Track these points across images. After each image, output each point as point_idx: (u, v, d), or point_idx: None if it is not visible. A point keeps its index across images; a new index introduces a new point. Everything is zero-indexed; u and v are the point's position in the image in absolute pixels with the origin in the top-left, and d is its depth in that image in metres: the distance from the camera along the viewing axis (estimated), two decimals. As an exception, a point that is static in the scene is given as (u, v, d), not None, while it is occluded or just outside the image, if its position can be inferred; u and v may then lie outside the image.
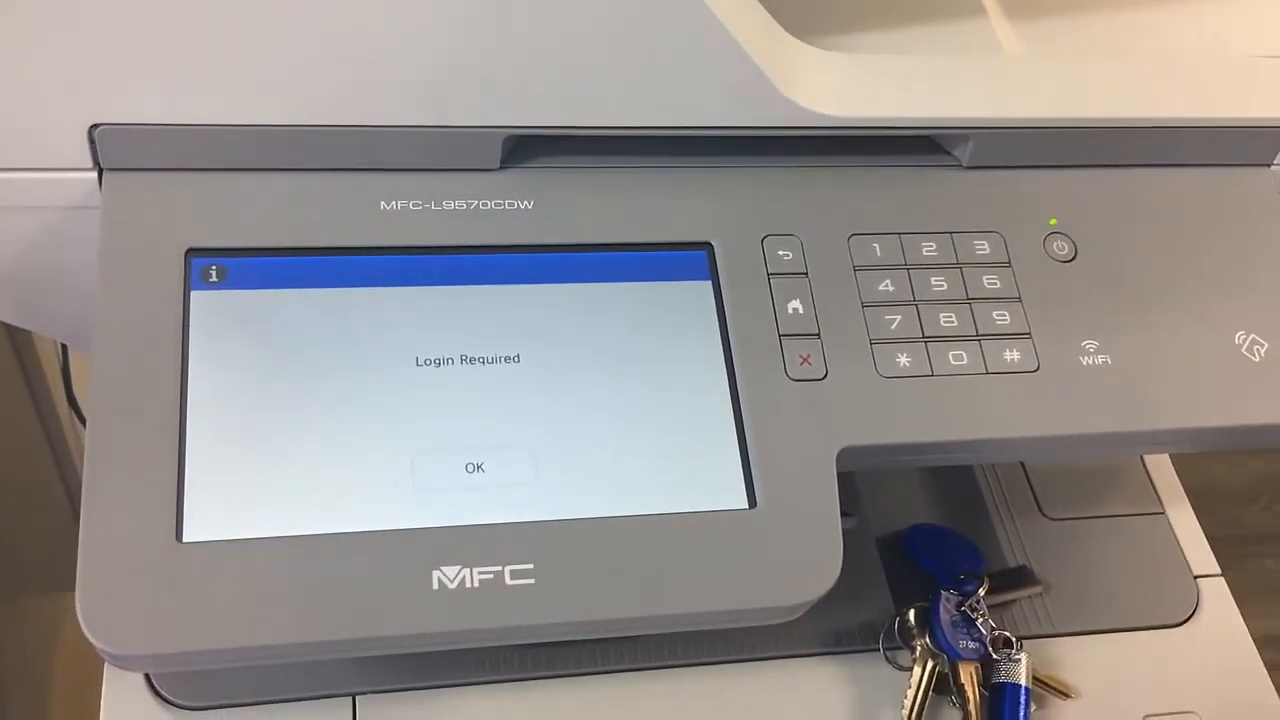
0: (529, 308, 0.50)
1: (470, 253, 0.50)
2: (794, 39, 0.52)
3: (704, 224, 0.52)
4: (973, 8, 0.60)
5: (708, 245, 0.51)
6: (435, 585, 0.44)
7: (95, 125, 0.47)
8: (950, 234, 0.53)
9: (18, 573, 0.99)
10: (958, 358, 0.51)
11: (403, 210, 0.50)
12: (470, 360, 0.48)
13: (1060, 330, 0.52)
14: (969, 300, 0.52)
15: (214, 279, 0.48)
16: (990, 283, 0.53)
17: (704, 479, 0.48)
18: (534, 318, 0.49)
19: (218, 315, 0.47)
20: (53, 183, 0.49)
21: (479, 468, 0.47)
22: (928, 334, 0.51)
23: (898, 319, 0.51)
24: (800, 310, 0.51)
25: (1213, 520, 0.69)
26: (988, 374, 0.51)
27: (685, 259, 0.51)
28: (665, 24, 0.47)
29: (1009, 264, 0.53)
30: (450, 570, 0.44)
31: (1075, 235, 0.54)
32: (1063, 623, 0.63)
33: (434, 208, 0.50)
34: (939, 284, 0.52)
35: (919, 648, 0.59)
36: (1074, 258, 0.54)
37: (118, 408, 0.45)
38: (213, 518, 0.44)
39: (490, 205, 0.51)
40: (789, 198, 0.53)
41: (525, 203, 0.51)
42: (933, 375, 0.50)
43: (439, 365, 0.48)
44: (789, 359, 0.50)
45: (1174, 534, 0.68)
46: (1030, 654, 0.59)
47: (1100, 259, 0.54)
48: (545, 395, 0.48)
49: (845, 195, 0.53)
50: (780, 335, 0.50)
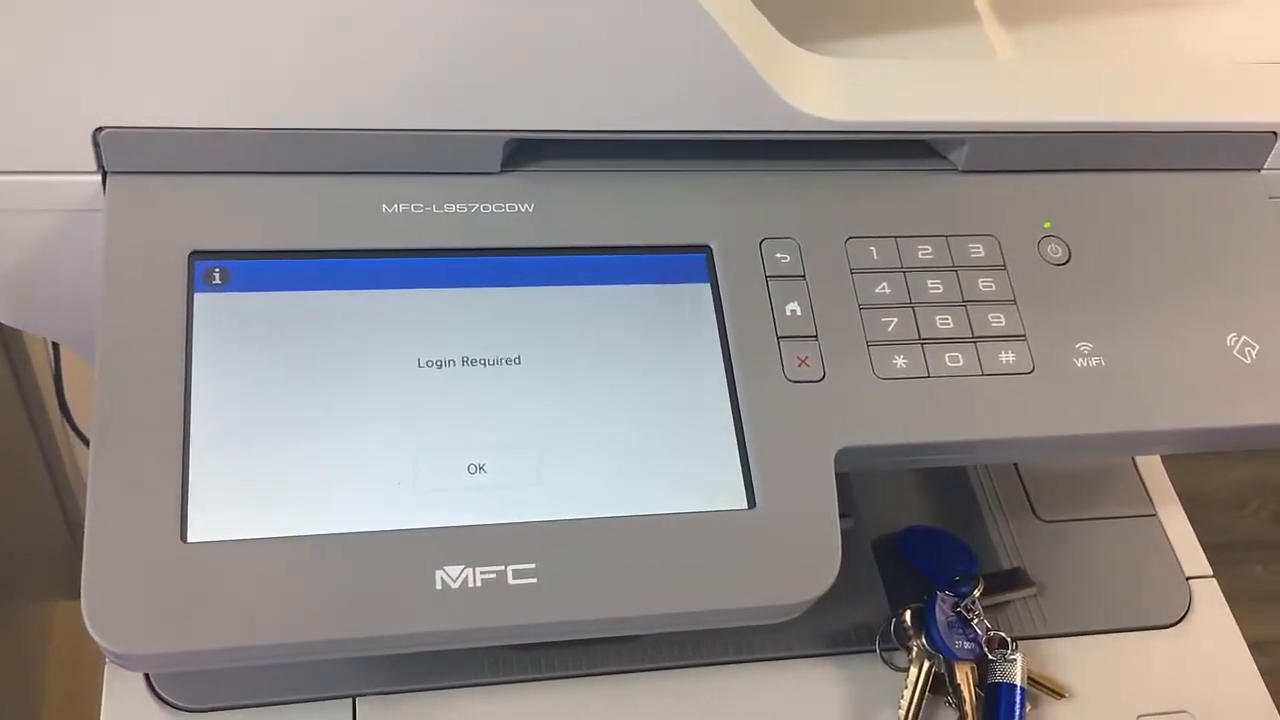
0: (530, 310, 0.50)
1: (471, 255, 0.50)
2: (791, 44, 0.52)
3: (703, 227, 0.52)
4: (967, 14, 0.60)
5: (706, 248, 0.52)
6: (438, 585, 0.44)
7: (99, 129, 0.47)
8: (946, 237, 0.54)
9: (10, 580, 0.99)
10: (954, 359, 0.51)
11: (404, 213, 0.50)
12: (471, 362, 0.49)
13: (1055, 332, 0.53)
14: (965, 303, 0.53)
15: (217, 281, 0.48)
16: (985, 285, 0.53)
17: (703, 479, 0.48)
18: (535, 320, 0.50)
19: (221, 317, 0.48)
20: (57, 186, 0.49)
21: (481, 468, 0.47)
22: (924, 336, 0.52)
23: (894, 321, 0.52)
24: (798, 312, 0.51)
25: (1202, 526, 0.70)
26: (983, 375, 0.51)
27: (684, 262, 0.52)
28: (665, 29, 0.48)
29: (1004, 267, 0.54)
30: (453, 570, 0.45)
31: (1069, 239, 0.55)
32: (1057, 623, 0.64)
33: (435, 210, 0.51)
34: (935, 287, 0.53)
35: (915, 648, 0.60)
36: (1068, 261, 0.54)
37: (122, 409, 0.45)
38: (217, 518, 0.44)
39: (491, 208, 0.51)
40: (787, 201, 0.53)
41: (526, 206, 0.51)
42: (929, 377, 0.51)
43: (440, 367, 0.48)
44: (787, 361, 0.50)
45: (1166, 536, 0.68)
46: (1025, 654, 0.60)
47: (1094, 262, 0.54)
48: (546, 396, 0.48)
49: (842, 199, 0.54)
50: (778, 337, 0.50)
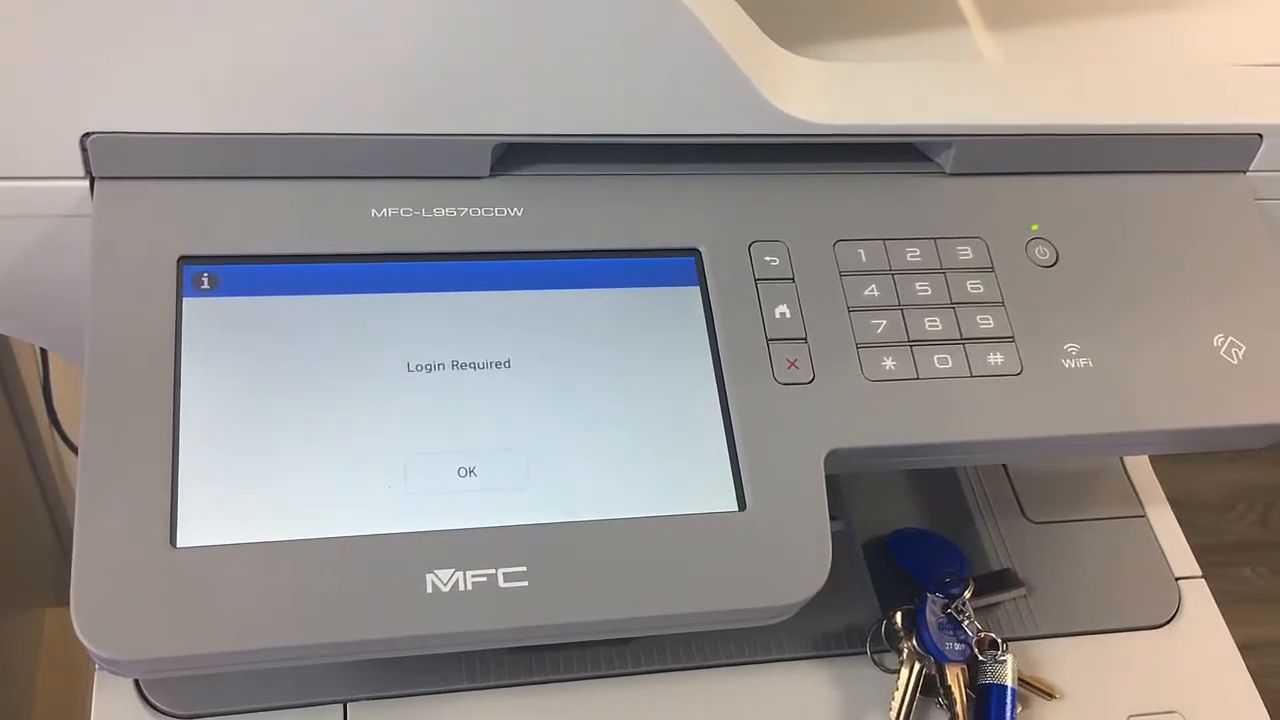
0: (519, 314, 0.50)
1: (460, 259, 0.50)
2: (779, 48, 0.53)
3: (692, 230, 0.52)
4: (954, 18, 0.61)
5: (696, 251, 0.52)
6: (429, 588, 0.44)
7: (87, 134, 0.47)
8: (934, 239, 0.54)
9: (-1, 588, 0.99)
10: (942, 361, 0.52)
11: (393, 217, 0.50)
12: (461, 366, 0.49)
13: (1043, 334, 0.53)
14: (953, 304, 0.53)
15: (206, 286, 0.48)
16: (974, 287, 0.53)
17: (694, 482, 0.48)
18: (524, 323, 0.50)
19: (210, 322, 0.47)
20: (45, 191, 0.49)
21: (471, 472, 0.47)
22: (913, 338, 0.52)
23: (883, 323, 0.52)
24: (787, 315, 0.51)
25: (1190, 529, 0.70)
26: (972, 377, 0.51)
27: (674, 265, 0.52)
28: (654, 33, 0.48)
29: (992, 269, 0.54)
30: (444, 573, 0.45)
31: (1056, 240, 0.55)
32: (1047, 624, 0.64)
33: (424, 215, 0.51)
34: (923, 289, 0.53)
35: (906, 650, 0.60)
36: (1055, 263, 0.54)
37: (111, 414, 0.45)
38: (206, 523, 0.44)
39: (480, 212, 0.51)
40: (776, 204, 0.53)
41: (515, 210, 0.51)
42: (918, 378, 0.51)
43: (430, 371, 0.48)
44: (776, 363, 0.50)
45: (1155, 536, 0.69)
46: (1015, 655, 0.60)
47: (1081, 264, 0.55)
48: (536, 400, 0.48)
49: (831, 202, 0.54)
50: (768, 339, 0.51)
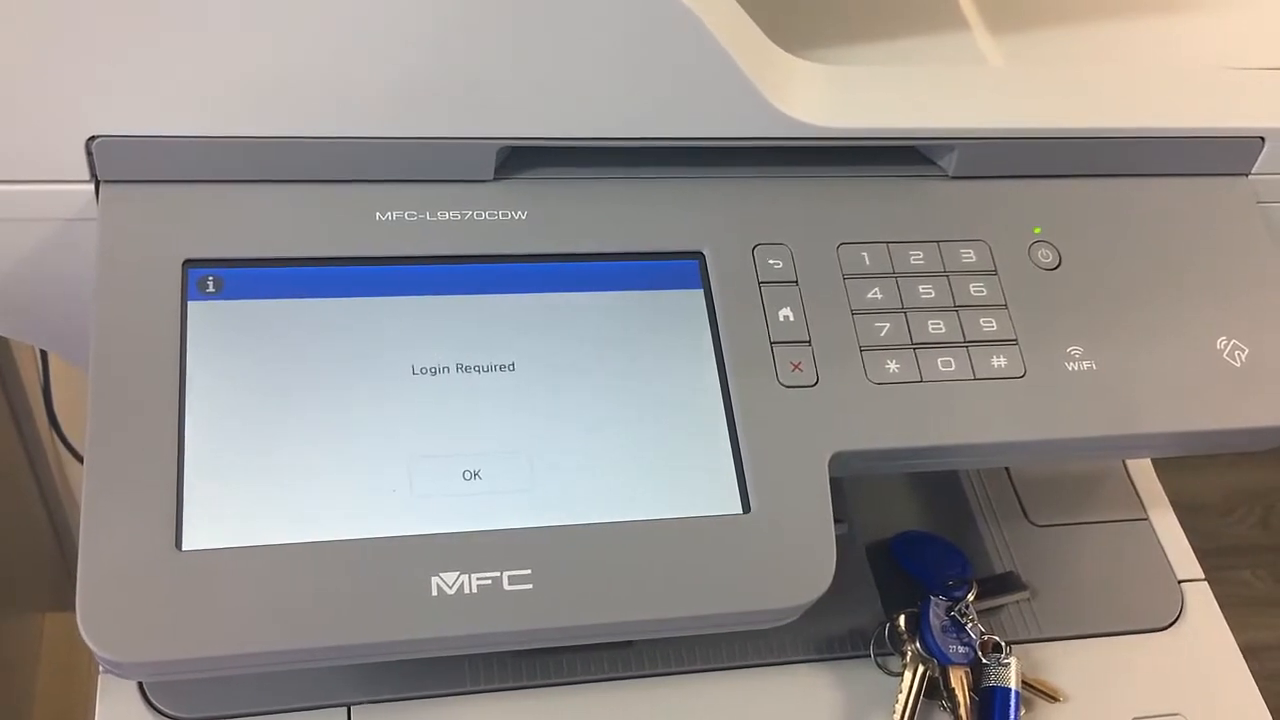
0: (523, 317, 0.50)
1: (464, 262, 0.50)
2: (783, 51, 0.53)
3: (696, 234, 0.52)
4: (957, 22, 0.61)
5: (699, 254, 0.52)
6: (434, 591, 0.44)
7: (92, 138, 0.47)
8: (937, 243, 0.54)
9: None
10: (946, 364, 0.52)
11: (398, 221, 0.50)
12: (465, 369, 0.49)
13: (1046, 337, 0.53)
14: (956, 307, 0.53)
15: (211, 289, 0.48)
16: (977, 290, 0.53)
17: (698, 485, 0.48)
18: (528, 327, 0.50)
19: (215, 325, 0.48)
20: (50, 195, 0.49)
21: (476, 475, 0.47)
22: (916, 341, 0.52)
23: (887, 326, 0.52)
24: (791, 318, 0.51)
25: (1191, 533, 0.70)
26: (975, 380, 0.52)
27: (677, 268, 0.52)
28: (658, 37, 0.48)
29: (995, 272, 0.54)
30: (449, 576, 0.45)
31: (1059, 243, 0.55)
32: (1050, 627, 0.64)
33: (428, 218, 0.51)
34: (927, 292, 0.53)
35: (909, 653, 0.60)
36: (1058, 266, 0.55)
37: (117, 417, 0.45)
38: (212, 526, 0.44)
39: (484, 216, 0.51)
40: (779, 207, 0.53)
41: (519, 213, 0.52)
42: (922, 381, 0.51)
43: (434, 374, 0.48)
44: (780, 366, 0.50)
45: (1157, 540, 0.69)
46: (1019, 658, 0.60)
47: (1084, 267, 0.55)
48: (540, 403, 0.49)
49: (834, 205, 0.54)
50: (772, 342, 0.51)
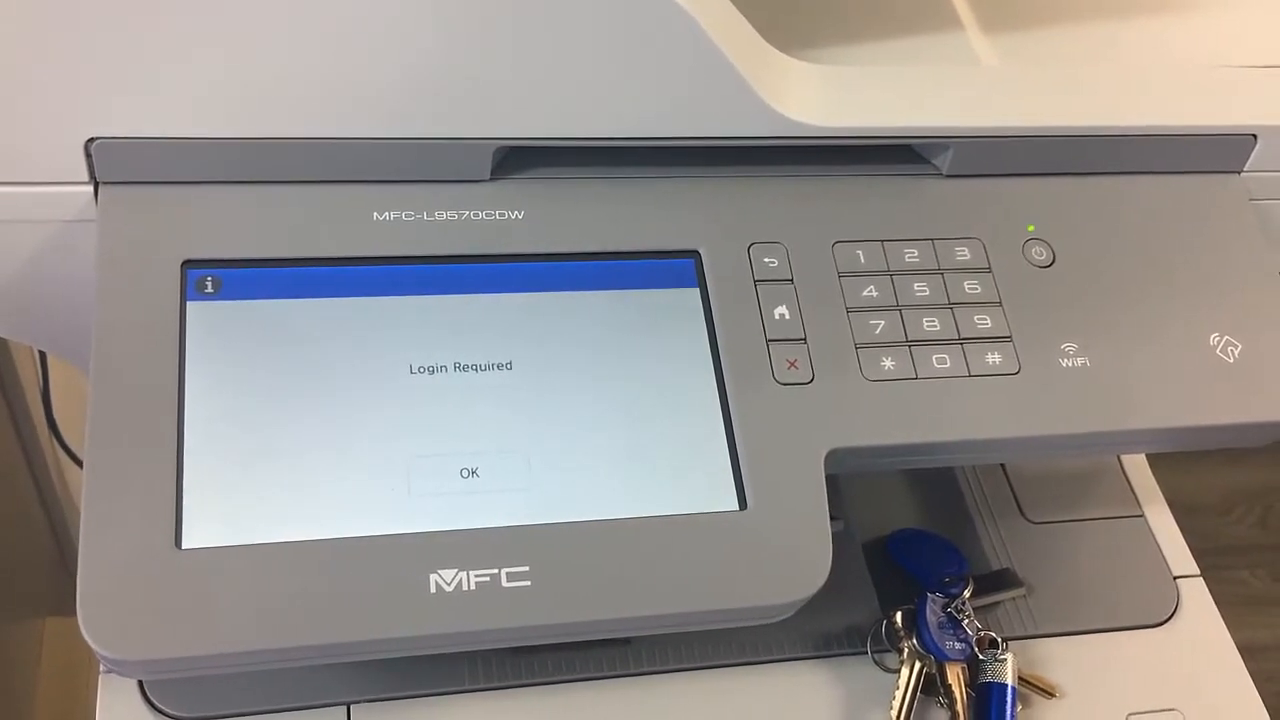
0: (520, 316, 0.50)
1: (462, 262, 0.51)
2: (778, 51, 0.53)
3: (691, 232, 0.53)
4: (950, 21, 0.61)
5: (695, 253, 0.52)
6: (433, 588, 0.45)
7: (91, 139, 0.48)
8: (932, 240, 0.54)
9: (-1, 596, 0.99)
10: (941, 361, 0.52)
11: (395, 221, 0.51)
12: (463, 368, 0.49)
13: (1040, 333, 0.53)
14: (951, 305, 0.53)
15: (210, 290, 0.48)
16: (971, 288, 0.54)
17: (695, 482, 0.48)
18: (525, 325, 0.50)
19: (214, 325, 0.48)
20: (49, 197, 0.49)
21: (473, 472, 0.47)
22: (911, 338, 0.52)
23: (882, 324, 0.52)
24: (786, 316, 0.52)
25: (1188, 533, 0.70)
26: (970, 376, 0.52)
27: (674, 267, 0.52)
28: (653, 38, 0.48)
29: (989, 269, 0.54)
30: (447, 573, 0.45)
31: (1053, 241, 0.55)
32: (1046, 623, 0.64)
33: (426, 218, 0.51)
34: (921, 289, 0.53)
35: (906, 650, 0.60)
36: (1052, 263, 0.55)
37: (117, 417, 0.45)
38: (211, 524, 0.45)
39: (481, 215, 0.52)
40: (774, 206, 0.54)
41: (515, 213, 0.52)
42: (917, 378, 0.51)
43: (432, 373, 0.49)
44: (776, 363, 0.51)
45: (1153, 536, 0.69)
46: (1015, 654, 0.60)
47: (1077, 264, 0.55)
48: (538, 401, 0.49)
49: (829, 203, 0.54)
50: (767, 340, 0.51)
